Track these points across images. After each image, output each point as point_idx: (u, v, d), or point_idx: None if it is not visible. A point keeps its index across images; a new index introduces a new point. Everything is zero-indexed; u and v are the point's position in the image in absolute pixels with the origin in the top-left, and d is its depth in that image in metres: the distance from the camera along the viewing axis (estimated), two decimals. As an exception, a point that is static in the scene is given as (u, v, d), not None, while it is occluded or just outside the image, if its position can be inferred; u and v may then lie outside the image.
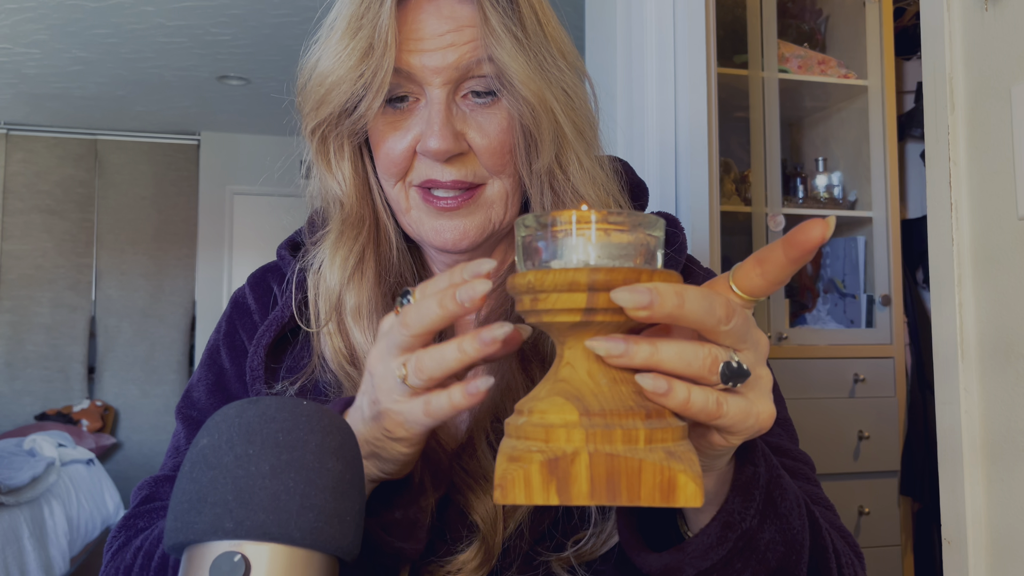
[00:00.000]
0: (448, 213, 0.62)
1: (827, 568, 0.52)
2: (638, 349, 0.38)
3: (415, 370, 0.44)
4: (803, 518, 0.50)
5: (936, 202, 0.84)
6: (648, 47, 1.43)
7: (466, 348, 0.42)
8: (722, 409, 0.39)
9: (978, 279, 0.81)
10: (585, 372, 0.40)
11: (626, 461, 0.36)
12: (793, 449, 0.64)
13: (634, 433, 0.37)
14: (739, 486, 0.46)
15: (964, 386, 0.81)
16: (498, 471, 0.38)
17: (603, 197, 0.64)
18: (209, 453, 0.38)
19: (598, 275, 0.38)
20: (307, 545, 0.37)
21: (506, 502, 0.37)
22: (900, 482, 2.17)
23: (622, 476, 0.36)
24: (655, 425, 0.38)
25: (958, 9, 0.83)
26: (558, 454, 0.37)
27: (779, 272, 0.39)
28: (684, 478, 0.36)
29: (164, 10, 3.01)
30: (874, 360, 2.16)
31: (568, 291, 0.39)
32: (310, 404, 0.41)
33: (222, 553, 0.36)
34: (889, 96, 2.21)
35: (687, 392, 0.38)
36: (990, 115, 0.79)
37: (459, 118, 0.60)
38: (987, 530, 0.79)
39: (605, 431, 0.37)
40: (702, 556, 0.46)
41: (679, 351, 0.38)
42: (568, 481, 0.37)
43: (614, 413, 0.38)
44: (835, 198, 2.30)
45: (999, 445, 0.78)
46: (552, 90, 0.60)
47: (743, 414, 0.40)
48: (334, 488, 0.38)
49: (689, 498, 0.36)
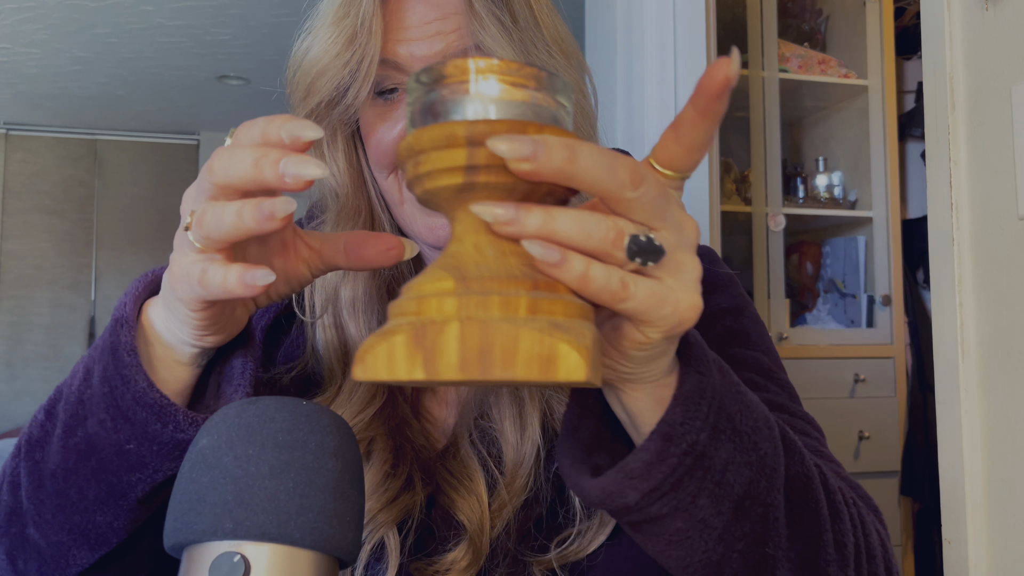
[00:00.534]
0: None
1: (814, 501, 0.46)
2: (529, 215, 0.33)
3: (196, 223, 0.39)
4: (775, 441, 0.44)
5: (936, 202, 0.84)
6: (648, 47, 1.43)
7: (244, 214, 0.37)
8: (628, 290, 0.34)
9: (978, 279, 0.81)
10: (472, 245, 0.36)
11: (501, 330, 0.32)
12: (791, 406, 0.60)
13: (514, 301, 0.33)
14: (681, 396, 0.40)
15: (964, 386, 0.81)
16: (361, 347, 0.34)
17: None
18: (209, 453, 0.38)
19: (478, 127, 0.34)
20: (307, 545, 0.37)
21: (367, 378, 0.33)
22: (901, 482, 2.17)
23: (496, 347, 0.32)
24: (542, 295, 0.34)
25: (958, 9, 0.83)
26: (426, 323, 0.33)
27: (693, 131, 0.35)
28: (566, 348, 0.31)
29: (164, 10, 3.01)
30: (874, 360, 2.16)
31: (446, 147, 0.35)
32: (310, 404, 0.41)
33: (221, 553, 0.36)
34: (889, 96, 2.21)
35: (584, 266, 0.34)
36: (990, 115, 0.79)
37: None
38: (987, 530, 0.79)
39: (481, 298, 0.33)
40: (643, 474, 0.40)
41: (578, 219, 0.34)
42: (436, 353, 0.32)
43: (494, 279, 0.34)
44: (835, 198, 2.30)
45: (999, 445, 0.78)
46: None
47: (655, 299, 0.35)
48: (334, 488, 0.38)
49: (571, 370, 0.31)
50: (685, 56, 1.43)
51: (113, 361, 0.46)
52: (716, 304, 0.63)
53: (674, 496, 0.40)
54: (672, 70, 1.44)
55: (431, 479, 0.58)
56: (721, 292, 0.64)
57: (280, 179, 0.36)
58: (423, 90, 0.36)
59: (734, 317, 0.63)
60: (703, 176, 1.45)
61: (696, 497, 0.41)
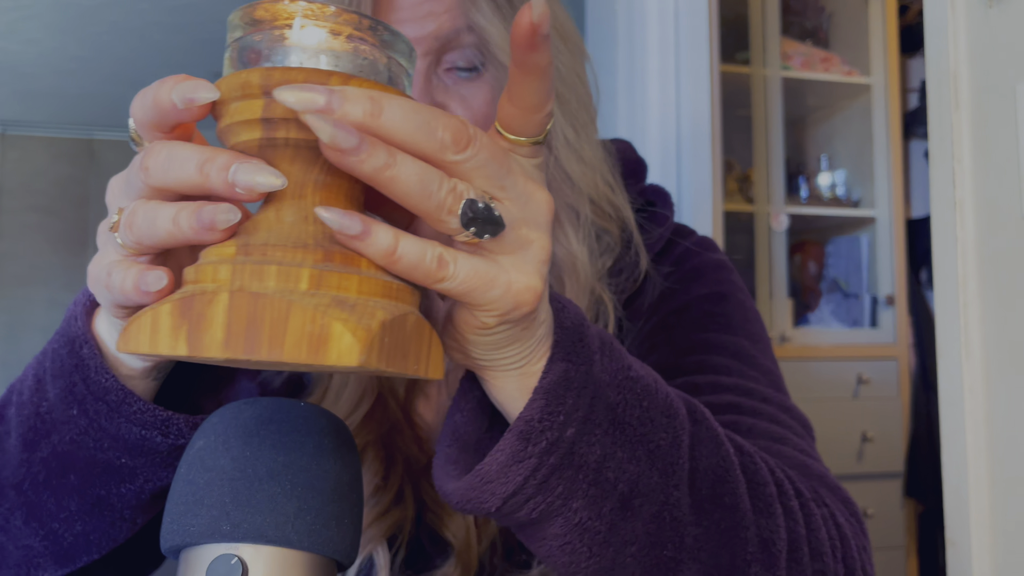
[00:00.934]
0: None
1: (731, 494, 0.41)
2: (366, 147, 0.29)
3: (126, 224, 0.34)
4: (675, 431, 0.39)
5: (940, 201, 0.84)
6: (650, 44, 1.42)
7: (181, 222, 0.32)
8: (446, 269, 0.31)
9: (982, 279, 0.81)
10: (274, 208, 0.32)
11: (273, 304, 0.28)
12: (765, 392, 0.55)
13: (295, 272, 0.29)
14: (542, 388, 0.36)
15: (968, 387, 0.81)
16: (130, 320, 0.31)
17: (590, 176, 0.61)
18: (206, 455, 0.38)
19: (274, 75, 0.30)
20: (304, 548, 0.37)
21: (127, 350, 0.30)
22: (904, 484, 2.17)
23: (265, 323, 0.28)
24: (333, 268, 0.30)
25: (962, 6, 0.82)
26: (196, 293, 0.29)
27: (521, 89, 0.32)
28: (340, 328, 0.28)
29: (161, 8, 3.00)
30: (878, 361, 2.15)
31: (242, 97, 0.31)
32: (308, 406, 0.40)
33: (219, 556, 0.35)
34: (893, 94, 2.20)
35: (391, 239, 0.30)
36: (995, 113, 0.79)
37: (439, 90, 0.56)
38: (991, 532, 0.79)
39: (256, 267, 0.29)
40: (500, 478, 0.36)
41: (420, 169, 0.30)
42: (201, 326, 0.29)
43: (280, 247, 0.30)
44: (838, 197, 2.29)
45: (1004, 446, 0.78)
46: None
47: (480, 280, 0.31)
48: (332, 490, 0.38)
49: (343, 354, 0.28)
50: (687, 53, 1.43)
51: (84, 383, 0.43)
52: (696, 291, 0.61)
53: (541, 499, 0.36)
54: (674, 68, 1.43)
55: (420, 493, 0.57)
56: (704, 278, 0.62)
57: (229, 188, 0.31)
58: (240, 31, 0.33)
59: (715, 302, 0.61)
60: (705, 175, 1.44)
61: (568, 499, 0.37)
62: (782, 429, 0.52)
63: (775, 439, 0.50)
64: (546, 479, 0.36)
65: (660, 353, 0.58)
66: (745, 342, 0.59)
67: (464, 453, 0.39)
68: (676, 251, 0.64)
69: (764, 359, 0.59)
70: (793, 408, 0.56)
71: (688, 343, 0.58)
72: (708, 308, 0.60)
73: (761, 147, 2.14)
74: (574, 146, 0.60)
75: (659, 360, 0.58)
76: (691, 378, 0.55)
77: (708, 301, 0.61)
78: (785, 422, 0.53)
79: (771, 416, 0.53)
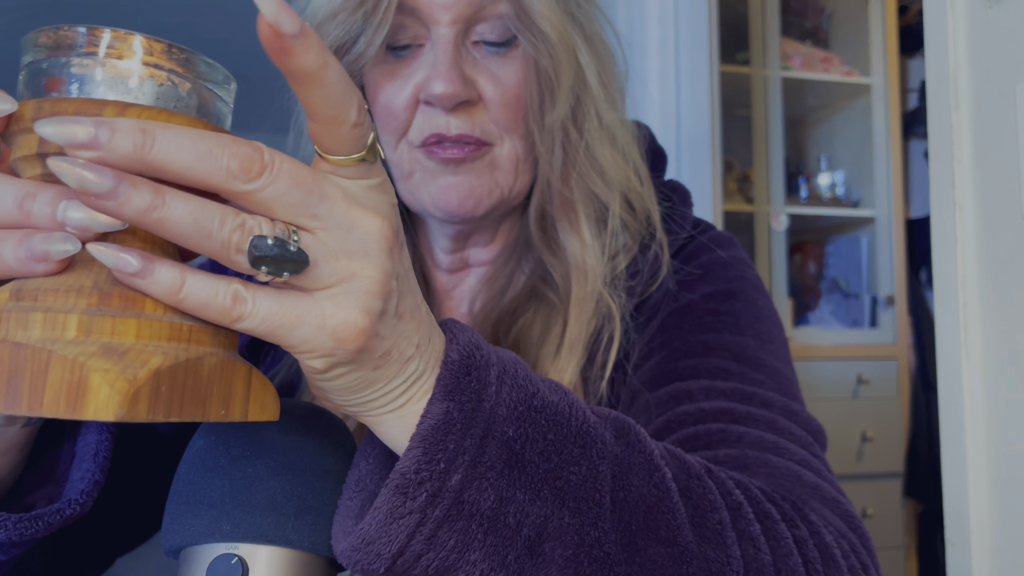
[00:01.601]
0: (453, 166, 0.55)
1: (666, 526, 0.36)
2: (124, 189, 0.26)
3: None
4: (593, 462, 0.35)
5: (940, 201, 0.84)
6: (650, 44, 1.43)
7: (4, 251, 0.28)
8: (243, 307, 0.28)
9: (982, 279, 0.81)
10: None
11: (34, 354, 0.26)
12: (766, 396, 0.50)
13: (61, 320, 0.27)
14: (419, 435, 0.32)
15: (968, 387, 0.81)
16: None
17: (620, 162, 0.57)
18: (206, 455, 0.38)
19: (44, 106, 0.28)
20: (304, 547, 0.37)
21: None
22: (904, 484, 2.17)
23: (26, 374, 0.26)
24: (106, 313, 0.28)
25: (962, 7, 0.82)
26: None
27: (306, 101, 0.29)
28: (99, 379, 0.26)
29: (162, 9, 3.01)
30: (878, 361, 2.15)
31: (20, 132, 0.29)
32: (307, 405, 0.40)
33: (219, 555, 0.36)
34: (893, 94, 2.20)
35: (178, 277, 0.27)
36: (994, 114, 0.79)
37: (468, 63, 0.53)
38: (990, 532, 0.79)
39: (23, 315, 0.28)
40: (382, 538, 0.33)
41: (194, 208, 0.27)
42: None
43: (52, 292, 0.28)
44: (838, 197, 2.29)
45: (1003, 447, 0.78)
46: (577, 29, 0.54)
47: (286, 318, 0.28)
48: (332, 490, 0.38)
49: (100, 406, 0.26)
50: (687, 54, 1.43)
51: None
52: (701, 290, 0.58)
53: (433, 556, 0.33)
54: (673, 68, 1.43)
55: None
56: (711, 277, 0.59)
57: (59, 226, 0.28)
58: (31, 55, 0.31)
59: (720, 301, 0.57)
60: (705, 175, 1.44)
61: (464, 551, 0.33)
62: (778, 437, 0.48)
63: (767, 448, 0.46)
64: (433, 533, 0.33)
65: (658, 357, 0.56)
66: (752, 342, 0.55)
67: (366, 506, 0.36)
68: (686, 249, 0.61)
69: (773, 360, 0.54)
70: (801, 412, 0.51)
71: (686, 346, 0.55)
72: (712, 307, 0.57)
73: (761, 147, 2.14)
74: (607, 128, 0.57)
75: (657, 364, 0.55)
76: (685, 384, 0.52)
77: (713, 300, 0.58)
78: (784, 429, 0.49)
79: (768, 423, 0.49)
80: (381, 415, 0.33)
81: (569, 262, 0.57)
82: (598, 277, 0.57)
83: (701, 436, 0.47)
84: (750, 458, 0.45)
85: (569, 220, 0.58)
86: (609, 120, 0.57)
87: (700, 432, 0.47)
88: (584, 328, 0.56)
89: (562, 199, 0.57)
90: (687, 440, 0.48)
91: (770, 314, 0.58)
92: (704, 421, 0.48)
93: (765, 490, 0.42)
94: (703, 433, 0.47)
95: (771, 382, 0.52)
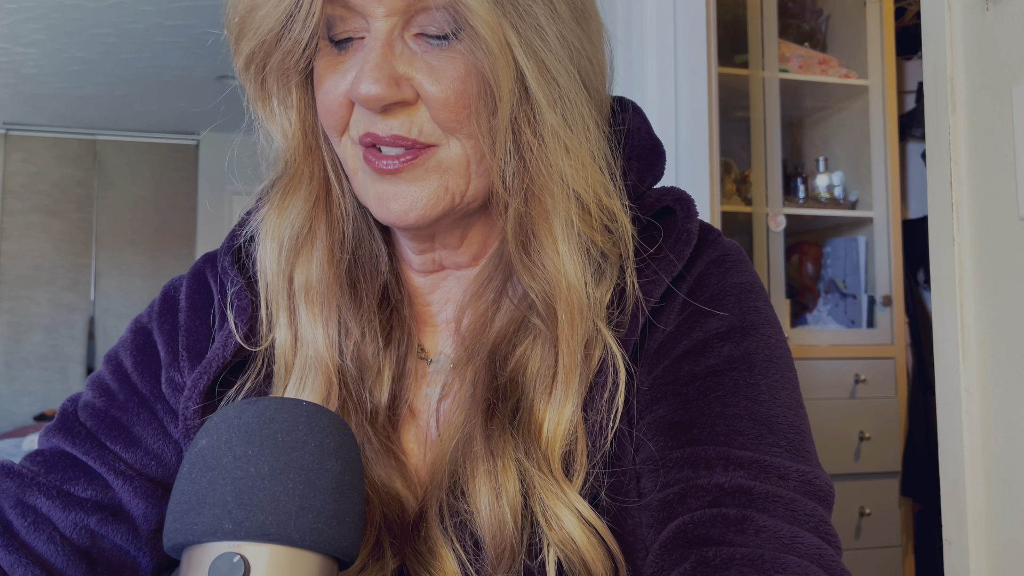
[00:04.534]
0: (391, 177, 0.50)
1: None
2: None
3: None
4: None
5: (937, 202, 0.84)
6: (648, 46, 1.43)
7: None
8: None
9: (979, 280, 0.81)
10: None
11: None
12: (787, 469, 0.48)
13: None
14: None
15: (965, 387, 0.81)
16: None
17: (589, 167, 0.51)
18: (208, 454, 0.38)
19: None
20: (306, 546, 0.37)
21: None
22: (901, 483, 2.17)
23: None
24: None
25: (959, 9, 0.82)
26: None
27: None
28: None
29: (163, 10, 3.01)
30: (875, 361, 2.16)
31: None
32: (309, 404, 0.41)
33: (221, 554, 0.36)
34: (890, 96, 2.21)
35: None
36: (991, 115, 0.79)
37: (404, 59, 0.49)
38: (988, 531, 0.79)
39: None
40: None
41: None
42: None
43: None
44: (836, 198, 2.30)
45: (1000, 446, 0.78)
46: (517, 26, 0.48)
47: None
48: (333, 489, 0.38)
49: None
50: (685, 56, 1.43)
51: None
52: (714, 328, 0.52)
53: None
54: (672, 70, 1.43)
55: (400, 549, 0.50)
56: (724, 310, 0.53)
57: None
58: None
59: (736, 342, 0.51)
60: (704, 176, 1.44)
61: None
62: (795, 527, 0.46)
63: (784, 547, 0.45)
64: None
65: (670, 406, 0.51)
66: (766, 395, 0.50)
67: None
68: (694, 272, 0.55)
69: (787, 414, 0.50)
70: (814, 480, 0.48)
71: (702, 400, 0.50)
72: (727, 352, 0.51)
73: (759, 148, 2.14)
74: (577, 135, 0.51)
75: (668, 414, 0.50)
76: (701, 449, 0.48)
77: (727, 341, 0.51)
78: (801, 511, 0.47)
79: (786, 505, 0.47)
80: None
81: (551, 281, 0.51)
82: (586, 305, 0.51)
83: (719, 521, 0.46)
84: (768, 561, 0.44)
85: (542, 232, 0.52)
86: (579, 124, 0.51)
87: (718, 517, 0.46)
88: (578, 355, 0.50)
89: (533, 208, 0.52)
90: (705, 523, 0.46)
91: (782, 352, 0.53)
92: (722, 502, 0.47)
93: None
94: (720, 519, 0.46)
95: (785, 443, 0.49)
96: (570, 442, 0.50)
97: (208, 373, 0.55)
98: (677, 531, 0.46)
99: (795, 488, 0.48)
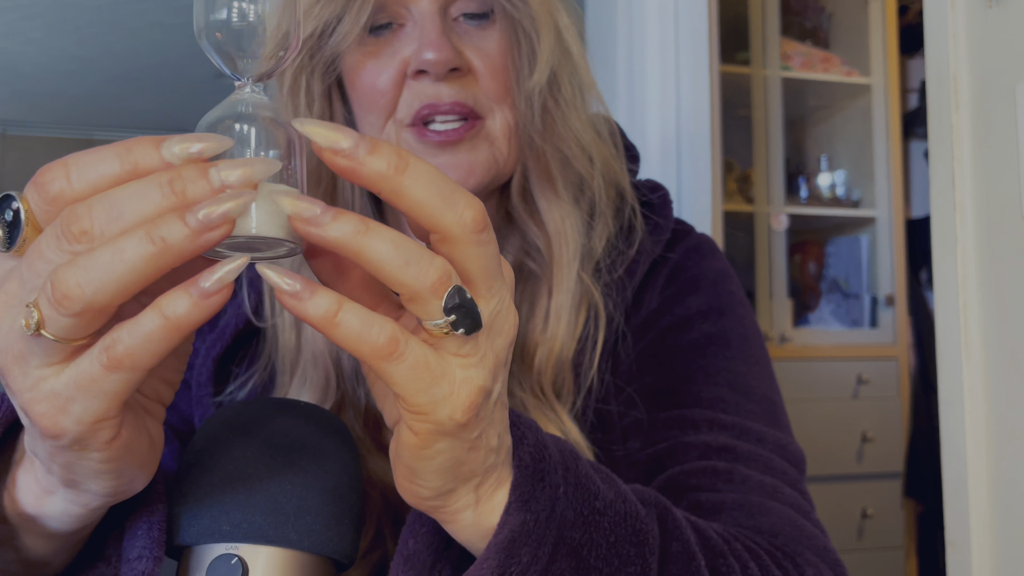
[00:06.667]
0: (450, 147, 0.53)
1: None
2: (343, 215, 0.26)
3: (58, 296, 0.26)
4: (644, 561, 0.37)
5: (940, 201, 0.84)
6: (650, 44, 1.43)
7: (167, 234, 0.26)
8: (396, 348, 0.27)
9: (982, 279, 0.81)
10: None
11: None
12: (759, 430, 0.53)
13: None
14: (496, 544, 0.34)
15: (968, 387, 0.81)
16: None
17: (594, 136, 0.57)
18: (206, 456, 0.38)
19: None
20: (304, 548, 0.37)
21: None
22: (904, 484, 2.17)
23: None
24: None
25: (962, 7, 0.82)
26: None
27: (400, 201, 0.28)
28: None
29: (161, 8, 3.00)
30: (878, 361, 2.15)
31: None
32: (308, 406, 0.40)
33: (219, 555, 0.35)
34: (893, 94, 2.20)
35: (335, 303, 0.27)
36: (995, 114, 0.79)
37: (454, 36, 0.53)
38: (991, 532, 0.79)
39: None
40: None
41: (396, 237, 0.27)
42: None
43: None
44: (838, 197, 2.29)
45: (1003, 447, 0.78)
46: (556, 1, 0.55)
47: (431, 372, 0.28)
48: (331, 491, 0.38)
49: None
50: (687, 54, 1.43)
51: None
52: (694, 306, 0.58)
53: None
54: (674, 68, 1.43)
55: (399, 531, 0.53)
56: (703, 291, 0.59)
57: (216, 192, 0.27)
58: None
59: (714, 320, 0.57)
60: (705, 175, 1.44)
61: None
62: (775, 479, 0.51)
63: (767, 494, 0.50)
64: None
65: (655, 374, 0.56)
66: (743, 367, 0.56)
67: None
68: (673, 258, 0.60)
69: (761, 385, 0.56)
70: (788, 445, 0.54)
71: (686, 369, 0.56)
72: (707, 328, 0.57)
73: (761, 147, 2.14)
74: (585, 96, 0.57)
75: (654, 382, 0.56)
76: (688, 412, 0.54)
77: (706, 319, 0.57)
78: (779, 469, 0.52)
79: (766, 463, 0.52)
80: (458, 510, 0.34)
81: (550, 228, 0.56)
82: (579, 246, 0.56)
83: (708, 473, 0.50)
84: (755, 505, 0.49)
85: (548, 186, 0.57)
86: (587, 87, 0.57)
87: (707, 469, 0.51)
88: (570, 294, 0.55)
89: (542, 165, 0.57)
90: (696, 473, 0.51)
91: (755, 331, 0.60)
92: (709, 456, 0.51)
93: (771, 551, 0.45)
94: (710, 470, 0.51)
95: (760, 410, 0.55)
96: (559, 372, 0.54)
97: (223, 340, 0.58)
98: (668, 480, 0.51)
99: (772, 450, 0.53)
